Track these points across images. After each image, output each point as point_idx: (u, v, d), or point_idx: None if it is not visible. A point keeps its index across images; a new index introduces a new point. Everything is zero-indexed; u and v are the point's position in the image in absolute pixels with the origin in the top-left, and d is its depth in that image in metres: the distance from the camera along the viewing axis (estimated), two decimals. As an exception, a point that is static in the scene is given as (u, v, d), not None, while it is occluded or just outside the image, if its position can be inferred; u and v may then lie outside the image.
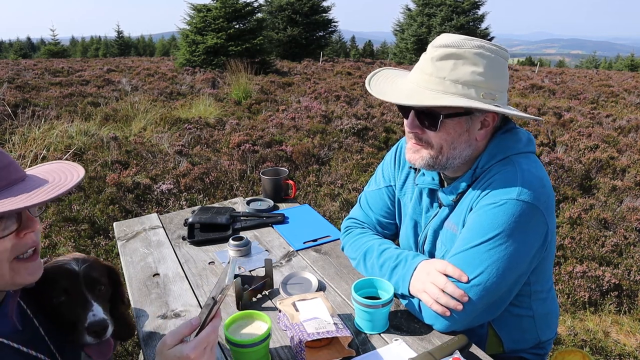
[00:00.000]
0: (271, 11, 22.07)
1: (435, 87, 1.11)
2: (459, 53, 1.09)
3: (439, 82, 1.10)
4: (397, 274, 1.23)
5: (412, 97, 1.11)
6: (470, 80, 1.09)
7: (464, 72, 1.09)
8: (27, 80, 9.95)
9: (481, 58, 1.09)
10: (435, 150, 1.17)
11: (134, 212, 3.79)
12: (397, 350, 1.11)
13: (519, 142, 1.19)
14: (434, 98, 1.10)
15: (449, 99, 1.09)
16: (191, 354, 0.88)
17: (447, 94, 1.09)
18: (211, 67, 13.99)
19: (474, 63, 1.09)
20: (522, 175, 1.11)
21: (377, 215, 1.49)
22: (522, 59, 40.78)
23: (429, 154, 1.18)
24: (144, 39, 50.75)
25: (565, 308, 2.77)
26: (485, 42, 1.12)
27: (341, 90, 9.70)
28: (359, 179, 4.54)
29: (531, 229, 1.10)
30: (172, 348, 0.89)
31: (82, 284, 1.07)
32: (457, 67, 1.09)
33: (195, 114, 7.21)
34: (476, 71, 1.09)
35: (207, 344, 0.91)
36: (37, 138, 5.18)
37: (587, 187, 4.61)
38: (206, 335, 0.91)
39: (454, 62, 1.09)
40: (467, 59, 1.09)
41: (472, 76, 1.09)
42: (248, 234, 1.74)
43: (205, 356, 0.91)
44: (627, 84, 12.89)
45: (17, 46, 38.67)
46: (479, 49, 1.09)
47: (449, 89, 1.10)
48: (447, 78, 1.10)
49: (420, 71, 1.15)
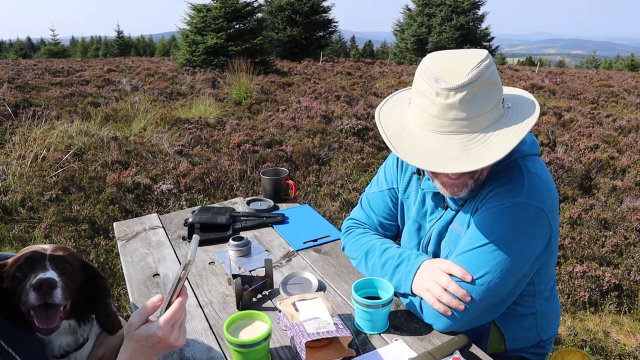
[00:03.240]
0: (271, 11, 22.07)
1: (474, 127, 1.02)
2: (474, 88, 1.00)
3: (482, 120, 1.02)
4: (400, 273, 1.23)
5: (488, 156, 0.99)
6: (494, 100, 1.04)
7: (485, 98, 1.02)
8: (27, 80, 9.95)
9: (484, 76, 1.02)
10: (477, 174, 1.14)
11: (134, 212, 3.79)
12: (397, 350, 1.11)
13: (524, 145, 1.19)
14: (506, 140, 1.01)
15: (512, 131, 1.02)
16: (158, 332, 0.88)
17: (485, 131, 1.03)
18: (211, 67, 14.00)
19: (490, 83, 1.02)
20: (528, 178, 1.10)
21: (379, 217, 1.49)
22: (522, 59, 40.78)
23: (473, 181, 1.14)
24: (144, 39, 50.74)
25: (566, 308, 2.77)
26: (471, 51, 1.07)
27: (341, 90, 9.70)
28: (359, 179, 4.54)
29: (536, 231, 1.10)
30: (139, 328, 0.89)
31: (46, 259, 1.05)
32: (477, 98, 1.01)
33: (195, 114, 7.22)
34: (494, 88, 1.04)
35: (175, 321, 0.91)
36: (37, 138, 5.18)
37: (587, 187, 4.61)
38: (173, 313, 0.91)
39: (472, 95, 1.00)
40: (483, 83, 1.01)
41: (493, 95, 1.04)
42: (248, 234, 1.74)
43: (174, 333, 0.91)
44: (627, 84, 12.89)
45: (17, 46, 38.68)
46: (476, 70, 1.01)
47: (494, 114, 1.04)
48: (484, 113, 1.02)
49: (451, 119, 1.02)
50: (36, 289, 0.97)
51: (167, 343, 0.90)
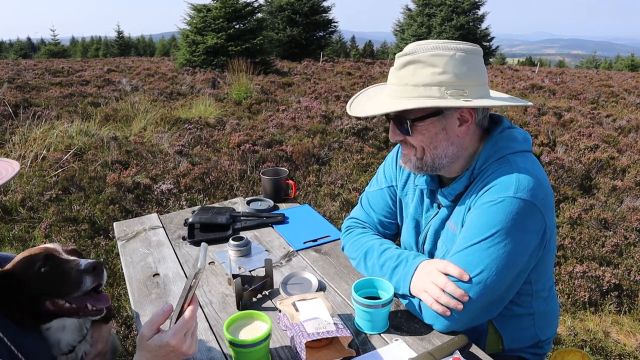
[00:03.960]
0: (271, 11, 22.07)
1: (400, 94, 1.16)
2: (415, 58, 1.12)
3: (402, 90, 1.15)
4: (398, 274, 1.23)
5: (375, 108, 1.18)
6: (430, 81, 1.11)
7: (423, 74, 1.12)
8: (27, 81, 9.95)
9: (438, 58, 1.11)
10: (419, 153, 1.21)
11: (134, 212, 3.79)
12: (397, 350, 1.11)
13: (515, 142, 1.20)
14: (383, 106, 1.17)
15: (395, 103, 1.14)
16: (172, 341, 0.88)
17: (409, 98, 1.14)
18: (211, 67, 14.00)
19: (431, 64, 1.11)
20: (518, 173, 1.11)
21: (379, 215, 1.49)
22: (522, 59, 40.77)
23: (415, 157, 1.23)
24: (144, 39, 50.74)
25: (565, 308, 2.77)
26: (445, 41, 1.13)
27: (341, 91, 9.70)
28: (359, 179, 4.54)
29: (529, 226, 1.10)
30: (151, 338, 0.89)
31: (59, 251, 1.08)
32: (417, 71, 1.12)
33: (195, 114, 7.22)
34: (436, 71, 1.11)
35: (187, 330, 0.92)
36: (37, 138, 5.19)
37: (587, 187, 4.61)
38: (185, 321, 0.91)
39: (413, 68, 1.13)
40: (424, 62, 1.11)
41: (432, 77, 1.11)
42: (248, 234, 1.74)
43: (187, 341, 0.92)
44: (627, 84, 12.89)
45: (17, 46, 38.69)
46: (434, 50, 1.11)
47: (411, 93, 1.14)
48: (408, 84, 1.14)
49: (389, 83, 1.21)
50: (90, 272, 1.03)
51: (180, 352, 0.91)
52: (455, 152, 1.20)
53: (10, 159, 1.01)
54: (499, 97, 1.22)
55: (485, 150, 1.20)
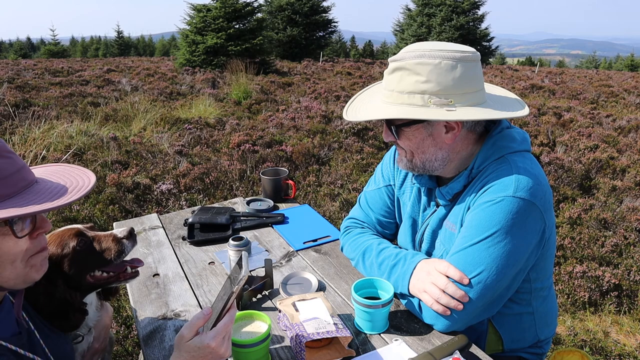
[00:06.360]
0: (271, 11, 22.07)
1: (387, 99, 1.19)
2: (401, 65, 1.14)
3: (389, 95, 1.18)
4: (396, 273, 1.23)
5: (367, 113, 1.22)
6: (414, 89, 1.12)
7: (407, 82, 1.13)
8: (27, 80, 9.95)
9: (422, 66, 1.11)
10: (408, 155, 1.24)
11: (134, 212, 3.79)
12: (397, 350, 1.11)
13: (514, 141, 1.20)
14: (373, 110, 1.21)
15: (382, 109, 1.17)
16: (212, 343, 0.92)
17: (394, 104, 1.16)
18: (211, 67, 13.99)
19: (415, 72, 1.12)
20: (517, 173, 1.12)
21: (377, 215, 1.50)
22: (522, 59, 40.79)
23: (406, 158, 1.26)
24: (144, 39, 50.73)
25: (565, 308, 2.77)
26: (433, 49, 1.11)
27: (341, 90, 9.70)
28: (359, 179, 4.54)
29: (528, 225, 1.10)
30: (191, 340, 0.92)
31: (83, 229, 1.14)
32: (403, 79, 1.14)
33: (195, 114, 7.22)
34: (419, 80, 1.12)
35: (225, 334, 0.95)
36: (37, 138, 5.18)
37: (587, 187, 4.61)
38: (224, 325, 0.94)
39: (400, 74, 1.15)
40: (409, 69, 1.13)
41: (416, 85, 1.12)
42: (248, 234, 1.74)
43: (225, 344, 0.95)
44: (627, 84, 12.90)
45: (17, 46, 38.66)
46: (419, 58, 1.11)
47: (396, 100, 1.16)
48: (394, 90, 1.16)
49: (381, 86, 1.25)
50: (128, 237, 1.15)
51: (218, 354, 0.93)
52: (446, 156, 1.21)
53: (85, 168, 1.03)
54: (497, 97, 1.22)
55: (484, 150, 1.20)
